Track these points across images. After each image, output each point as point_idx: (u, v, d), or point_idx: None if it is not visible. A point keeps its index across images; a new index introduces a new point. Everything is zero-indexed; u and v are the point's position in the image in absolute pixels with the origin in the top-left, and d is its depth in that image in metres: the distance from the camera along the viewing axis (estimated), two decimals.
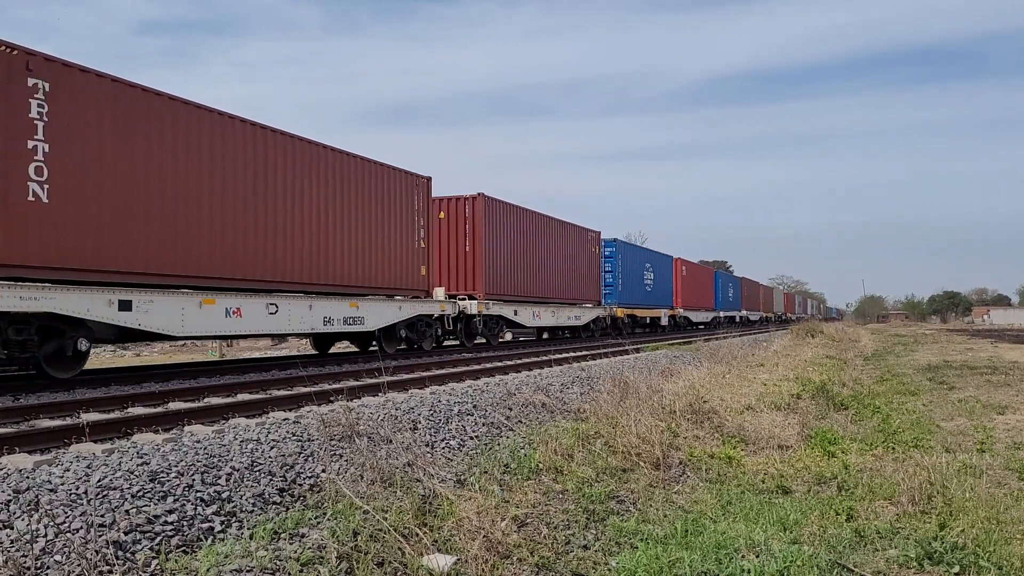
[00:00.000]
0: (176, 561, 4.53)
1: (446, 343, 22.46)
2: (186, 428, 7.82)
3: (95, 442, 6.91)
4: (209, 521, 5.17)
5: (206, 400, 10.06)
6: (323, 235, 15.93)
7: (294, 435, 7.14)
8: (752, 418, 10.26)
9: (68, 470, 5.50)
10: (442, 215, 21.76)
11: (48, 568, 4.27)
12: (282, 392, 10.87)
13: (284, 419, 8.06)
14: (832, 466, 7.93)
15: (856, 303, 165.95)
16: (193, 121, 12.95)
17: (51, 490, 5.07)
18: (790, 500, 6.74)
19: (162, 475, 5.59)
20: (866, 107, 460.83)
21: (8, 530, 4.56)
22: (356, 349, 20.87)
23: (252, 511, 5.48)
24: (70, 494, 5.05)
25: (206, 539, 4.96)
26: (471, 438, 8.40)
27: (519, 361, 16.97)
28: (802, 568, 4.88)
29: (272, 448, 6.68)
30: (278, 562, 4.53)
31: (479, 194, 22.05)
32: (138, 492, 5.24)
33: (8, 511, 4.75)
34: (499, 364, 15.95)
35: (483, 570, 4.77)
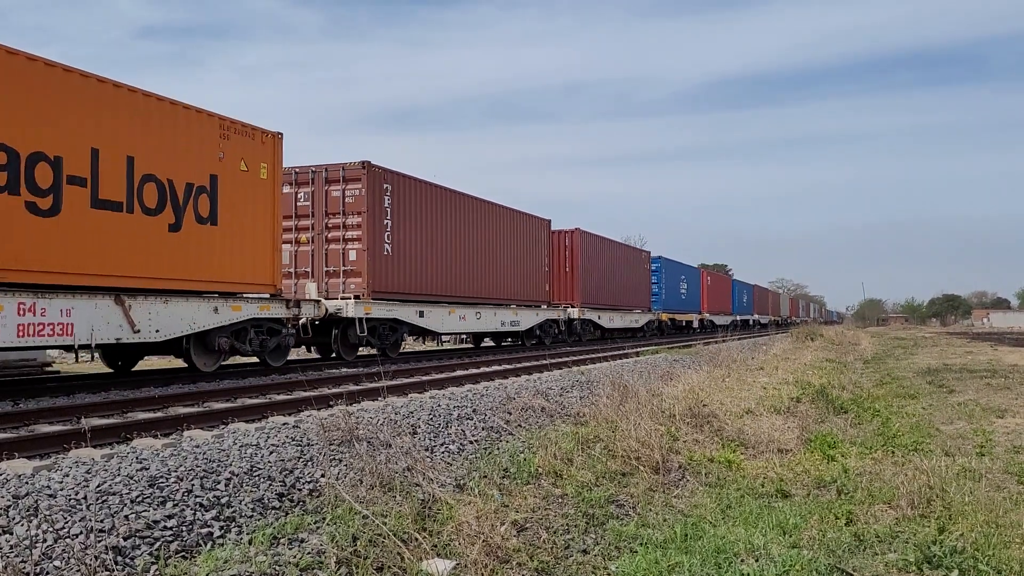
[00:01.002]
0: (175, 566, 4.53)
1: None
2: (186, 433, 7.82)
3: (94, 447, 6.92)
4: (208, 526, 5.17)
5: (206, 405, 10.06)
6: (496, 264, 23.77)
7: (293, 440, 7.14)
8: (752, 422, 10.26)
9: (67, 475, 5.51)
10: None
11: (47, 573, 4.27)
12: (282, 396, 10.87)
13: (283, 424, 8.06)
14: (832, 470, 7.92)
15: (856, 306, 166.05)
16: (443, 198, 20.83)
17: (50, 495, 5.07)
18: (790, 504, 6.73)
19: (161, 480, 5.59)
20: (865, 110, 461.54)
21: (7, 535, 4.56)
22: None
23: (251, 516, 5.48)
24: (69, 499, 5.05)
25: (205, 544, 4.95)
26: (470, 442, 8.40)
27: (518, 365, 16.96)
28: (801, 572, 4.88)
29: (271, 453, 6.68)
30: (277, 567, 4.53)
31: (576, 229, 29.25)
32: (137, 497, 5.24)
33: (7, 516, 4.75)
34: (498, 368, 15.97)
35: (482, 575, 4.77)
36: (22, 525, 4.67)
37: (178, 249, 12.36)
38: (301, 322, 15.33)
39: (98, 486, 5.30)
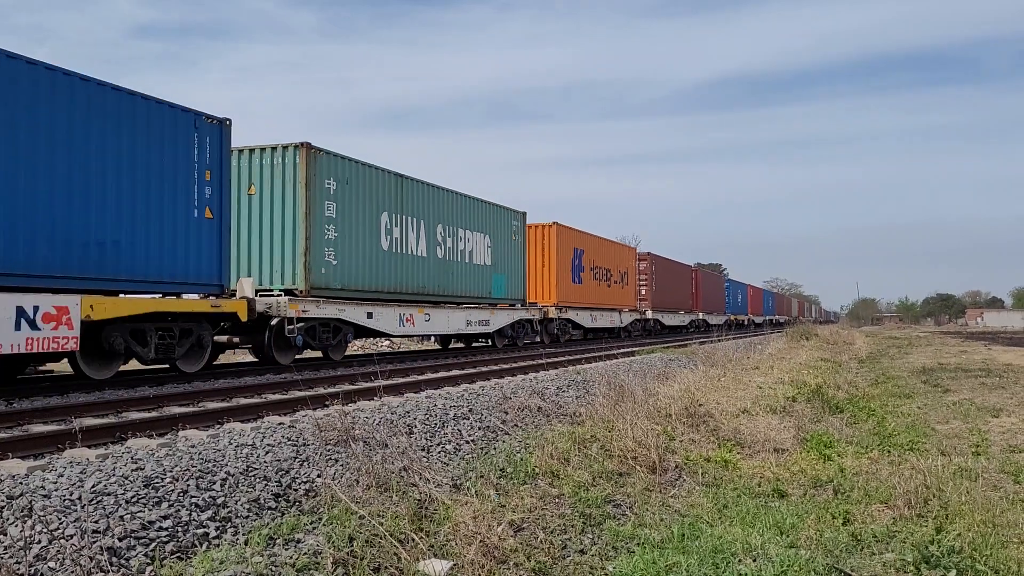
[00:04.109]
0: (171, 567, 4.51)
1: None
2: (181, 433, 7.78)
3: (89, 447, 6.87)
4: (204, 527, 5.14)
5: (201, 404, 10.01)
6: (676, 289, 42.79)
7: (289, 440, 7.11)
8: (748, 421, 10.26)
9: (62, 476, 5.47)
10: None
11: (42, 575, 4.24)
12: (277, 396, 10.83)
13: (279, 424, 8.02)
14: (828, 470, 7.93)
15: (850, 305, 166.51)
16: (661, 262, 40.44)
17: (45, 496, 5.03)
18: (786, 504, 6.74)
19: (157, 480, 5.56)
20: (860, 111, 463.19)
21: (1, 536, 4.53)
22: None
23: (247, 516, 5.46)
24: (64, 500, 5.02)
25: (201, 545, 4.93)
26: (467, 442, 8.39)
27: (515, 365, 16.96)
28: (799, 572, 4.88)
29: (267, 453, 6.65)
30: (273, 568, 4.51)
31: (697, 267, 50.05)
32: (132, 498, 5.21)
33: (1, 517, 4.72)
34: (494, 368, 15.95)
35: (479, 575, 4.76)
36: (16, 526, 4.64)
37: (620, 294, 33.70)
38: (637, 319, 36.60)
39: (93, 486, 5.26)
